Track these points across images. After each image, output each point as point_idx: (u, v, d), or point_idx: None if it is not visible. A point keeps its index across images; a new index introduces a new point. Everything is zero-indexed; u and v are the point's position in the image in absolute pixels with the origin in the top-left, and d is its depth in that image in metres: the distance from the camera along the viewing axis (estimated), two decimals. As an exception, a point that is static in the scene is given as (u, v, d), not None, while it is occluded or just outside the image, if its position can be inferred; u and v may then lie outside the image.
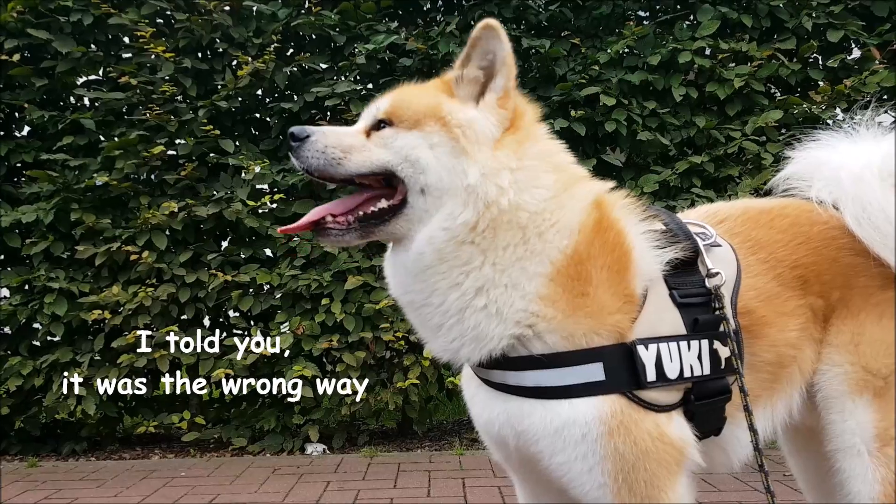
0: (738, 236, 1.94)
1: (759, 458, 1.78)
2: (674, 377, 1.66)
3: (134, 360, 5.14)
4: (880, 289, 1.91)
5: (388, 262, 1.81)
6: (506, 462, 1.88)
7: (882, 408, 1.85)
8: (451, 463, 4.82)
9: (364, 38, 5.46)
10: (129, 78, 5.34)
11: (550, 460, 1.63)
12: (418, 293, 1.70)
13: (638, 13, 5.81)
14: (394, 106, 1.75)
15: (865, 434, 1.85)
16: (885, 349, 1.87)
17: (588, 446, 1.59)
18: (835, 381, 1.89)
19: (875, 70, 5.22)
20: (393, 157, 1.70)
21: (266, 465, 4.98)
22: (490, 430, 1.75)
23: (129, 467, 5.06)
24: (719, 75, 5.30)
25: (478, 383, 1.78)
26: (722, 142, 5.31)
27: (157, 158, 5.32)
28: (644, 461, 1.59)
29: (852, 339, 1.89)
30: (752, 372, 1.80)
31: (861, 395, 1.86)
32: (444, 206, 1.65)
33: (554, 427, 1.61)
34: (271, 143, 5.64)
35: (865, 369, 1.87)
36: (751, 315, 1.82)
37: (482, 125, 1.71)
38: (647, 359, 1.63)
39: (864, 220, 1.89)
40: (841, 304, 1.92)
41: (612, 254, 1.69)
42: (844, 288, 1.92)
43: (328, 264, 5.26)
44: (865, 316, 1.90)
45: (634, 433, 1.60)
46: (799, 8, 5.39)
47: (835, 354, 1.90)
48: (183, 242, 5.40)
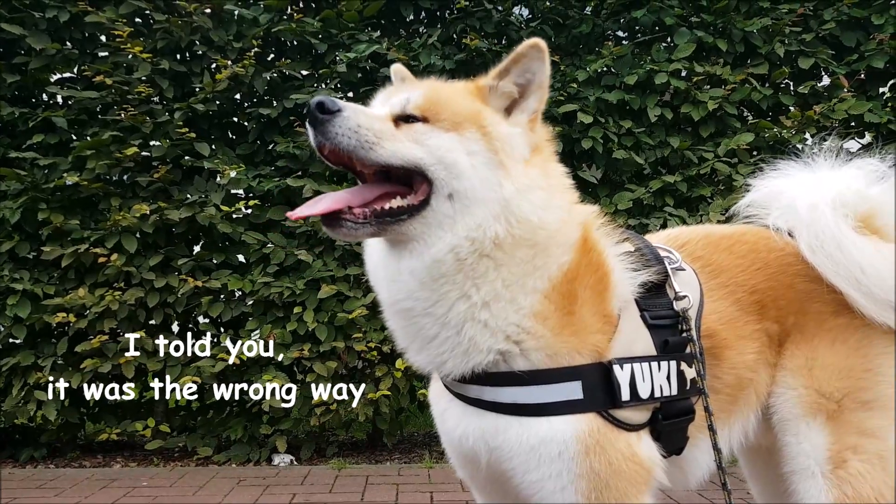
0: (700, 260, 1.99)
1: (723, 476, 1.81)
2: (646, 397, 1.69)
3: (98, 365, 5.02)
4: (833, 315, 1.96)
5: (383, 264, 1.71)
6: (471, 479, 1.88)
7: (835, 430, 1.89)
8: (419, 476, 4.78)
9: (346, 46, 5.46)
10: (105, 77, 5.25)
11: (523, 477, 1.63)
12: (422, 301, 1.64)
13: (617, 33, 5.90)
14: (430, 102, 1.68)
15: (819, 456, 1.88)
16: (838, 373, 1.91)
17: (564, 464, 1.59)
18: (789, 403, 1.94)
19: (843, 98, 5.37)
20: (426, 156, 1.62)
21: (231, 475, 4.89)
22: (463, 446, 1.73)
23: (90, 475, 4.93)
24: (694, 97, 5.40)
25: (450, 398, 1.77)
26: (695, 162, 5.40)
27: (130, 160, 5.22)
28: (616, 480, 1.61)
29: (806, 363, 1.94)
30: (712, 393, 1.83)
31: (815, 418, 1.91)
32: (473, 216, 1.61)
33: (530, 444, 1.61)
34: (248, 147, 5.58)
35: (819, 392, 1.91)
36: (713, 338, 1.87)
37: (518, 143, 1.70)
38: (623, 378, 1.66)
39: (818, 248, 1.94)
40: (796, 329, 1.97)
41: (595, 274, 1.73)
42: (799, 313, 1.97)
43: (302, 272, 5.21)
44: (819, 341, 1.95)
45: (609, 452, 1.61)
46: (772, 35, 5.53)
47: (789, 378, 1.95)
48: (153, 246, 5.30)
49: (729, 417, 1.92)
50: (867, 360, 1.93)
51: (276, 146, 5.40)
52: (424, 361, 1.72)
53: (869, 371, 1.93)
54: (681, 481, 1.89)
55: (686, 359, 1.77)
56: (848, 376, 1.91)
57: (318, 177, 5.35)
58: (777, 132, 5.35)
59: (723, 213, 4.97)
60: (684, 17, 5.58)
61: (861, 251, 1.92)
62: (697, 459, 1.88)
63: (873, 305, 1.91)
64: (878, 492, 1.85)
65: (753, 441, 2.07)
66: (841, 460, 1.87)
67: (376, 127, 1.61)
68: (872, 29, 5.51)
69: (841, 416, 1.89)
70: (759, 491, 2.31)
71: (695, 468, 1.89)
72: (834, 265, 1.93)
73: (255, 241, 5.26)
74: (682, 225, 5.05)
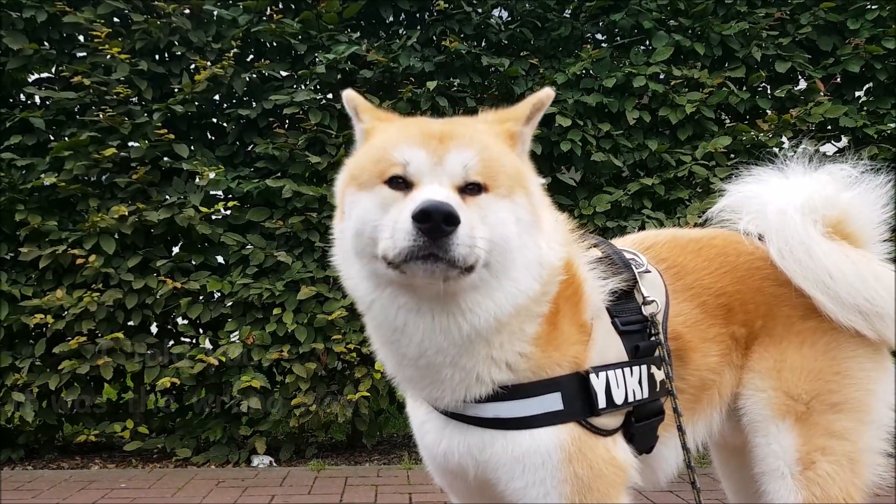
0: (665, 262, 2.02)
1: (692, 475, 1.86)
2: (620, 403, 1.73)
3: (76, 367, 5.01)
4: (801, 318, 2.00)
5: (412, 322, 1.60)
6: (451, 488, 1.89)
7: (804, 432, 1.93)
8: (399, 477, 4.81)
9: (325, 47, 5.45)
10: (83, 78, 5.22)
11: (507, 485, 1.66)
12: (451, 356, 1.63)
13: (596, 36, 5.93)
14: (486, 165, 1.58)
15: (789, 457, 1.93)
16: (806, 376, 1.96)
17: (547, 472, 1.63)
18: (759, 405, 1.98)
19: (819, 101, 5.43)
20: (491, 235, 1.53)
21: (210, 476, 4.89)
22: (449, 462, 1.74)
23: (67, 477, 4.92)
24: (672, 100, 5.44)
25: (427, 409, 1.78)
26: (673, 165, 5.44)
27: (109, 161, 5.19)
28: (598, 483, 1.66)
29: (775, 365, 1.98)
30: (677, 394, 1.86)
31: (784, 420, 1.95)
32: (515, 282, 1.60)
33: (515, 455, 1.64)
34: (227, 149, 5.57)
35: (787, 395, 1.95)
36: (678, 340, 1.91)
37: (539, 192, 1.75)
38: (599, 387, 1.70)
39: (787, 253, 1.98)
40: (764, 333, 2.00)
41: (571, 286, 1.76)
42: (767, 317, 2.00)
43: (281, 273, 5.21)
44: (787, 344, 1.98)
45: (589, 457, 1.66)
46: (749, 38, 5.57)
47: (758, 380, 1.99)
48: (132, 247, 5.28)
49: (692, 416, 1.96)
50: (836, 363, 1.98)
51: (256, 147, 5.39)
52: (425, 395, 1.73)
53: (838, 374, 1.97)
54: (651, 479, 1.93)
55: (655, 362, 1.81)
56: (816, 379, 1.95)
57: (297, 178, 5.35)
58: (754, 136, 5.40)
59: (700, 215, 5.01)
60: (662, 21, 5.62)
61: (829, 256, 1.96)
62: (666, 457, 1.93)
63: (841, 309, 1.95)
64: (846, 492, 1.90)
65: (719, 440, 2.12)
66: (810, 461, 1.91)
67: (473, 221, 1.51)
68: (848, 33, 5.57)
69: (810, 418, 1.93)
70: (733, 491, 2.36)
71: (664, 465, 1.94)
72: (803, 270, 1.96)
73: (234, 242, 5.26)
74: (661, 227, 5.13)
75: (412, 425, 1.91)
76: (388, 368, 1.79)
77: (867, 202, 2.11)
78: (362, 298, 1.67)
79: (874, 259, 2.06)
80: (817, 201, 2.03)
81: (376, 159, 1.62)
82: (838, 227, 2.05)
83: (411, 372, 1.70)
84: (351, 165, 1.74)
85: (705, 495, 3.36)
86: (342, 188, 1.73)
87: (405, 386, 1.79)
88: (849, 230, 2.07)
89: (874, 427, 1.98)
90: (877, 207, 2.12)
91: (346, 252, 1.68)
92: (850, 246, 2.04)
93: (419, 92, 5.36)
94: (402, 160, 1.57)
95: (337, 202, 1.76)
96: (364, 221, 1.57)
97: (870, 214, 2.11)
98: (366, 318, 1.75)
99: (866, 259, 2.03)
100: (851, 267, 1.96)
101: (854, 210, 2.09)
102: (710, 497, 1.93)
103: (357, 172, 1.66)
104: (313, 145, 5.42)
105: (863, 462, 1.95)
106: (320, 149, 5.42)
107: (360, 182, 1.62)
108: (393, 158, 1.58)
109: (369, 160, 1.65)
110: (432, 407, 1.76)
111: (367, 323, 1.76)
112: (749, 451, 2.00)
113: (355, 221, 1.60)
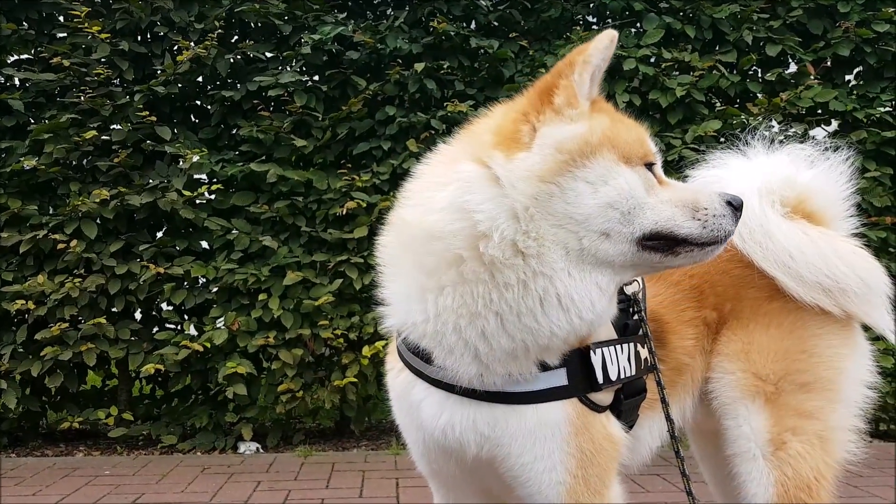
0: None
1: (675, 444, 1.86)
2: (615, 379, 1.74)
3: (59, 353, 4.94)
4: (768, 299, 2.01)
5: (596, 293, 1.60)
6: (440, 470, 1.83)
7: (774, 413, 1.94)
8: (386, 463, 4.78)
9: (311, 28, 5.36)
10: (62, 59, 5.13)
11: (517, 460, 1.65)
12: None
13: (587, 17, 5.86)
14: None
15: (759, 439, 1.94)
16: (774, 356, 1.96)
17: (556, 444, 1.64)
18: (728, 387, 1.99)
19: (809, 85, 5.40)
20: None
21: (196, 463, 4.85)
22: (447, 437, 1.69)
23: (51, 465, 4.87)
24: (662, 83, 5.39)
25: (425, 387, 1.72)
26: (663, 149, 5.40)
27: (89, 144, 5.12)
28: (599, 456, 1.68)
29: (743, 347, 1.99)
30: (653, 377, 1.86)
31: (753, 401, 1.96)
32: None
33: (527, 428, 1.64)
34: (211, 131, 5.48)
35: (756, 376, 1.96)
36: (657, 321, 1.92)
37: None
38: (597, 363, 1.70)
39: (747, 235, 1.99)
40: (732, 316, 2.02)
41: None
42: (735, 299, 2.02)
43: (267, 258, 5.15)
44: (755, 325, 2.00)
45: (591, 432, 1.68)
46: (740, 21, 5.52)
47: (727, 363, 2.00)
48: (114, 232, 5.21)
49: (669, 401, 1.95)
50: (802, 342, 1.99)
51: (240, 130, 5.31)
52: (470, 371, 1.62)
53: (804, 352, 1.98)
54: (628, 459, 1.92)
55: (640, 340, 1.82)
56: (784, 359, 1.96)
57: (282, 161, 5.27)
58: (744, 119, 5.37)
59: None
60: (653, 3, 5.56)
61: (788, 237, 1.97)
62: (641, 438, 1.94)
63: (804, 288, 1.96)
64: (817, 471, 1.91)
65: (693, 424, 2.14)
66: (780, 442, 1.92)
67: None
68: (839, 17, 5.53)
69: (779, 399, 1.94)
70: (710, 474, 2.37)
71: (640, 447, 1.95)
72: (764, 252, 1.97)
73: (218, 227, 5.19)
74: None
75: (400, 407, 1.82)
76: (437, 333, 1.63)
77: (829, 180, 2.13)
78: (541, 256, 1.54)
79: (835, 236, 2.07)
80: (775, 182, 2.04)
81: (640, 142, 1.64)
82: (800, 207, 2.06)
83: (501, 352, 1.60)
84: (608, 132, 1.60)
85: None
86: (595, 139, 1.58)
87: (451, 354, 1.63)
88: (811, 209, 2.08)
89: (844, 405, 1.99)
90: (839, 185, 2.14)
91: (550, 210, 1.54)
92: (811, 224, 2.04)
93: (407, 74, 5.28)
94: (655, 152, 1.68)
95: (504, 139, 1.60)
96: (627, 196, 1.55)
97: (832, 192, 2.13)
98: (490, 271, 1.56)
99: (826, 236, 2.03)
100: (811, 245, 1.98)
101: (815, 189, 2.10)
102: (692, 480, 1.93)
103: (621, 144, 1.60)
104: (299, 128, 5.34)
105: (834, 440, 1.96)
106: (306, 132, 5.34)
107: (625, 155, 1.59)
108: (651, 149, 1.67)
109: (634, 139, 1.63)
110: (433, 383, 1.69)
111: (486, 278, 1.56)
112: (721, 433, 2.01)
113: (612, 194, 1.54)
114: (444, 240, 1.56)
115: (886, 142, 5.27)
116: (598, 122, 1.62)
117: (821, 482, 1.91)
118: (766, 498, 1.91)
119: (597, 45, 1.60)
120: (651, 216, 1.57)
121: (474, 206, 1.54)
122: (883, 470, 4.38)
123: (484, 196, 1.54)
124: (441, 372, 1.66)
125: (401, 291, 1.68)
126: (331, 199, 5.18)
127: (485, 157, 1.59)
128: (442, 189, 1.60)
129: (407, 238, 1.64)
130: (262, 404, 5.14)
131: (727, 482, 2.09)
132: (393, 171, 5.20)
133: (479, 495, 1.88)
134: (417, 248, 1.61)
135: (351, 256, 5.05)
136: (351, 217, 5.13)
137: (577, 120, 1.60)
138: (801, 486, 1.89)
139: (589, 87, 1.63)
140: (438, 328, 1.60)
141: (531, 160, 1.56)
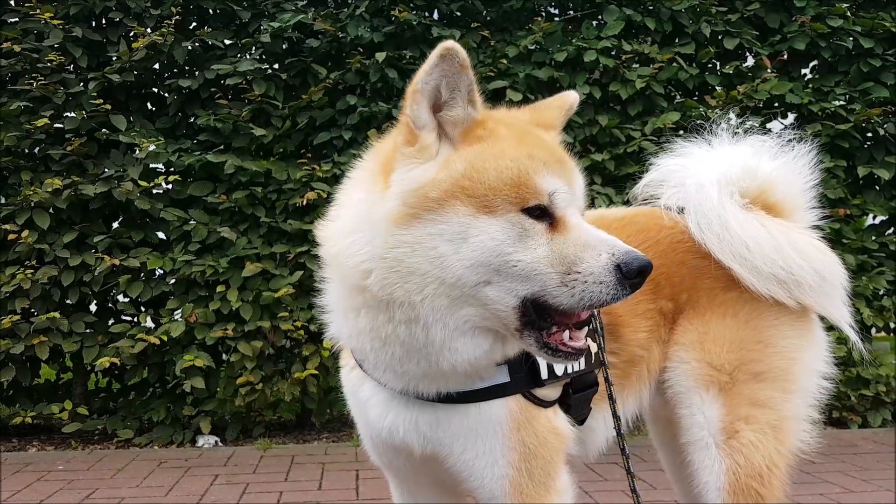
0: None
1: (621, 442, 1.89)
2: (561, 374, 1.75)
3: (10, 347, 4.83)
4: (724, 289, 2.02)
5: (467, 338, 1.57)
6: (390, 464, 1.87)
7: (728, 402, 1.95)
8: (346, 455, 4.76)
9: (270, 15, 5.28)
10: (13, 44, 5.01)
11: (459, 458, 1.68)
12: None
13: (548, 9, 5.87)
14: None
15: (713, 427, 1.95)
16: (729, 346, 1.98)
17: (497, 440, 1.66)
18: (683, 377, 2.00)
19: (766, 78, 5.47)
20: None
21: (152, 457, 4.78)
22: (393, 437, 1.72)
23: (3, 460, 4.76)
24: (622, 76, 5.42)
25: (372, 386, 1.74)
26: (623, 141, 5.44)
27: (42, 132, 4.99)
28: (542, 449, 1.69)
29: (699, 337, 1.99)
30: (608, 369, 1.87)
31: (707, 391, 1.97)
32: None
33: (467, 428, 1.66)
34: (167, 120, 5.38)
35: (711, 365, 1.97)
36: (611, 314, 1.92)
37: None
38: (541, 359, 1.69)
39: (705, 226, 2.00)
40: (688, 305, 2.02)
41: None
42: (692, 290, 2.02)
43: (225, 250, 5.07)
44: (711, 315, 2.00)
45: (534, 426, 1.69)
46: (699, 14, 5.57)
47: (682, 352, 2.00)
48: (67, 222, 5.09)
49: (622, 392, 1.98)
50: (757, 333, 2.00)
51: (198, 119, 5.22)
52: (401, 384, 1.66)
53: (759, 343, 1.99)
54: (580, 452, 1.94)
55: (590, 334, 1.80)
56: (739, 349, 1.97)
57: (241, 151, 5.20)
58: (703, 111, 5.42)
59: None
60: (614, -5, 5.58)
61: (745, 228, 1.97)
62: (595, 430, 1.95)
63: (759, 280, 1.97)
64: (769, 460, 1.93)
65: (651, 413, 2.16)
66: (733, 431, 1.94)
67: None
68: (795, 11, 5.61)
69: (733, 388, 1.96)
70: (667, 461, 2.40)
71: (593, 438, 1.96)
72: (720, 243, 1.98)
73: (175, 217, 5.10)
74: (610, 203, 5.13)
75: (351, 403, 1.87)
76: (360, 348, 1.65)
77: (790, 172, 2.13)
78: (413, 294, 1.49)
79: (793, 227, 2.07)
80: (735, 173, 2.04)
81: (514, 183, 1.45)
82: (760, 198, 2.07)
83: (412, 367, 1.60)
84: (461, 178, 1.46)
85: (646, 465, 3.41)
86: (439, 192, 1.46)
87: (376, 369, 1.67)
88: (772, 200, 2.09)
89: (798, 395, 2.00)
90: (801, 176, 2.14)
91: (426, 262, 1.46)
92: (769, 216, 2.05)
93: (368, 63, 5.23)
94: (549, 189, 1.47)
95: (383, 170, 1.56)
96: (493, 253, 1.43)
97: (793, 183, 2.13)
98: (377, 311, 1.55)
99: (783, 228, 2.04)
100: (767, 237, 1.98)
101: (777, 180, 2.10)
102: (650, 465, 1.95)
103: (479, 190, 1.45)
104: (258, 117, 5.26)
105: (787, 430, 1.97)
106: (265, 121, 5.27)
107: (486, 204, 1.44)
108: (538, 186, 1.46)
109: (502, 181, 1.45)
110: (378, 384, 1.72)
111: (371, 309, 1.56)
112: (676, 422, 2.02)
113: (478, 250, 1.43)
114: (348, 268, 1.55)
115: (840, 135, 5.37)
116: (450, 167, 1.48)
117: (773, 471, 1.93)
118: (718, 486, 1.93)
119: (424, 68, 1.46)
120: (520, 275, 1.44)
121: (358, 246, 1.52)
122: (835, 457, 4.49)
123: (363, 236, 1.52)
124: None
125: (333, 302, 1.70)
126: (291, 190, 5.12)
127: (373, 187, 1.57)
128: (346, 215, 1.62)
129: (333, 254, 1.64)
130: (221, 397, 5.08)
131: (683, 470, 2.11)
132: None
133: (432, 487, 1.90)
134: (338, 268, 1.62)
135: (311, 247, 5.00)
136: (311, 207, 5.08)
137: (426, 159, 1.49)
138: (753, 475, 1.91)
139: (429, 116, 1.49)
140: (361, 346, 1.62)
141: (387, 206, 1.49)
